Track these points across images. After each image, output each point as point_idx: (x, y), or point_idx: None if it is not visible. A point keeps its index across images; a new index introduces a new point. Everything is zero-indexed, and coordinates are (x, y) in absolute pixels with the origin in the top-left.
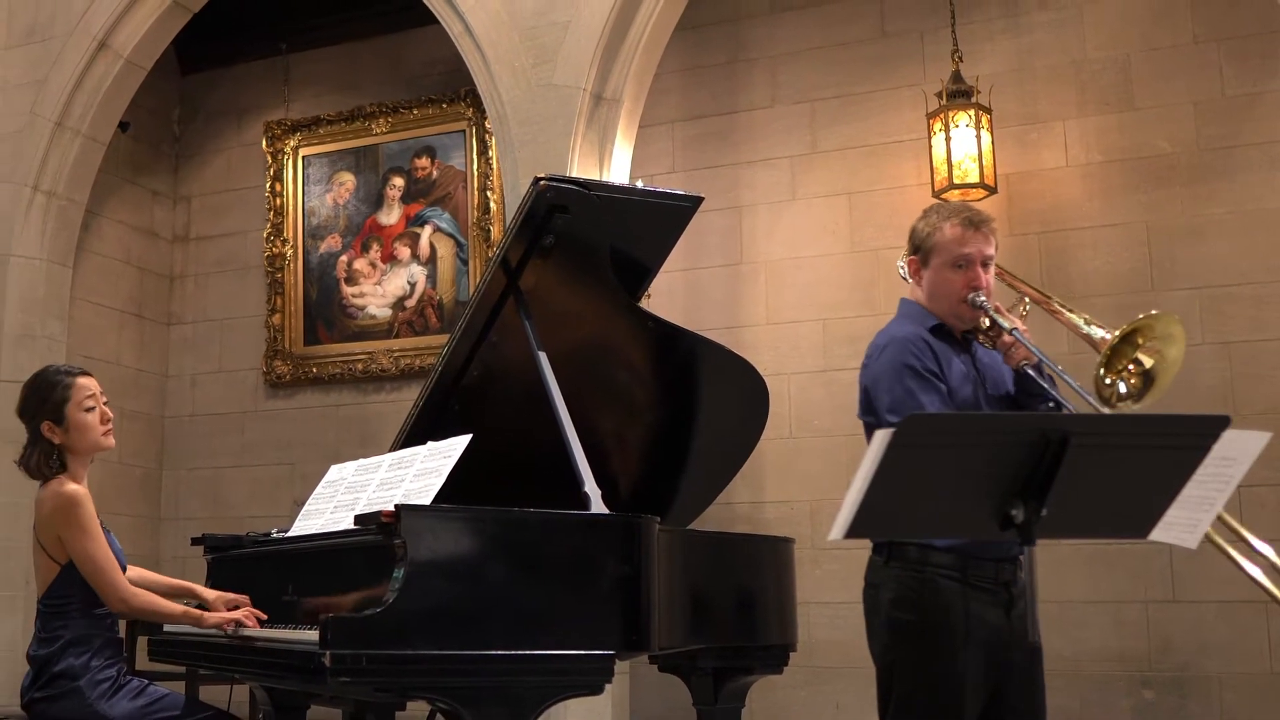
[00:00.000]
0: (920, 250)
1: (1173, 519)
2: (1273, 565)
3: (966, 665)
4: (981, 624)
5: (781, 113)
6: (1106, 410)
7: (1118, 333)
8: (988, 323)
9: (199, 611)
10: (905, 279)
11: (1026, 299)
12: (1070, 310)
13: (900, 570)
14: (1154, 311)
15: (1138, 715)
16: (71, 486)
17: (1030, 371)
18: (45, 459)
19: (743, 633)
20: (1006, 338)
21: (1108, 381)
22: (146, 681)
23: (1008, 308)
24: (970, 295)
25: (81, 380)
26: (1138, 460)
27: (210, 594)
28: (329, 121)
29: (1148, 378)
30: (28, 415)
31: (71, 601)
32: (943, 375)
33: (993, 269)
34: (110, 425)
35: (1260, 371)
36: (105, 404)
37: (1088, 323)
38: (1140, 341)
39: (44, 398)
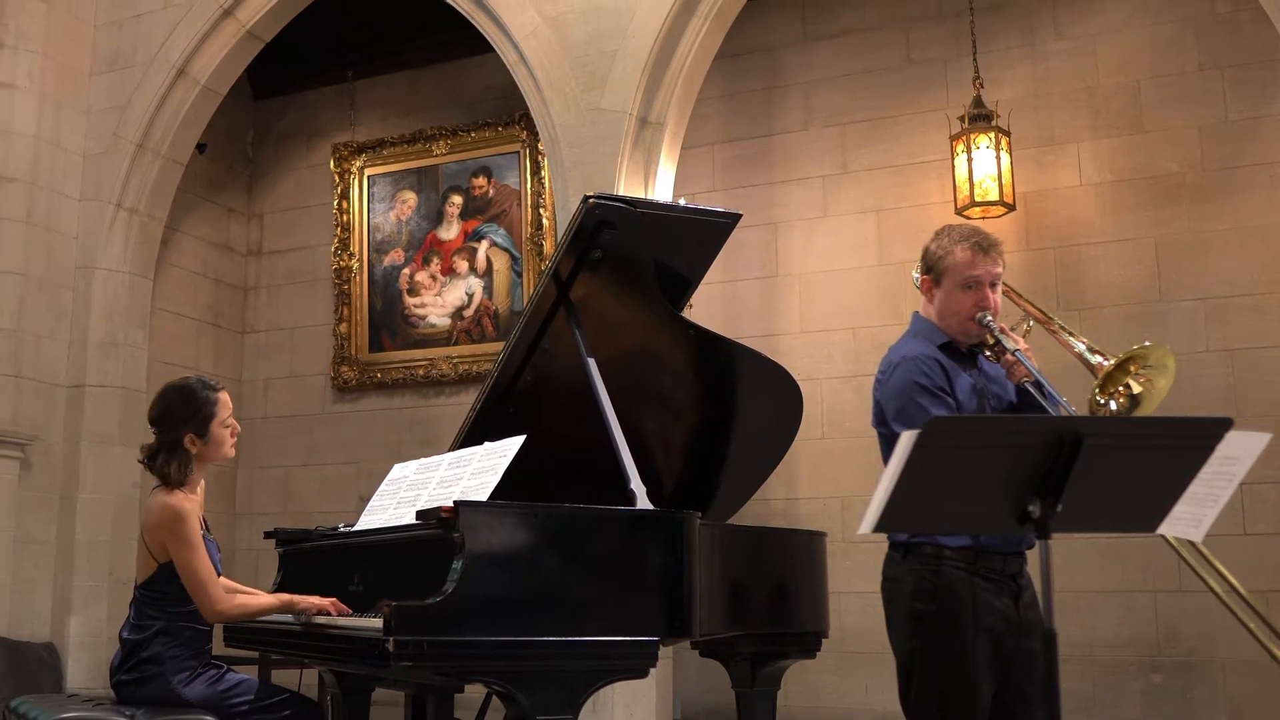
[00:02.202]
0: (933, 271)
1: (1179, 514)
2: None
3: (980, 649)
4: (992, 613)
5: (814, 135)
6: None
7: (1112, 361)
8: (993, 341)
9: (290, 596)
10: (918, 285)
11: (1030, 319)
12: (1070, 334)
13: (918, 564)
14: (1147, 343)
15: (1147, 698)
16: (179, 499)
17: (1030, 388)
18: (183, 468)
19: (778, 620)
20: (1009, 357)
21: (1100, 401)
22: (225, 668)
23: (1012, 325)
24: (978, 315)
25: (224, 396)
26: (1147, 459)
27: (303, 600)
28: (392, 143)
29: (1135, 400)
30: (170, 424)
31: (166, 596)
32: (951, 390)
33: (1000, 288)
34: (236, 438)
35: (1261, 376)
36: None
37: (1090, 349)
38: (1133, 369)
39: (193, 411)
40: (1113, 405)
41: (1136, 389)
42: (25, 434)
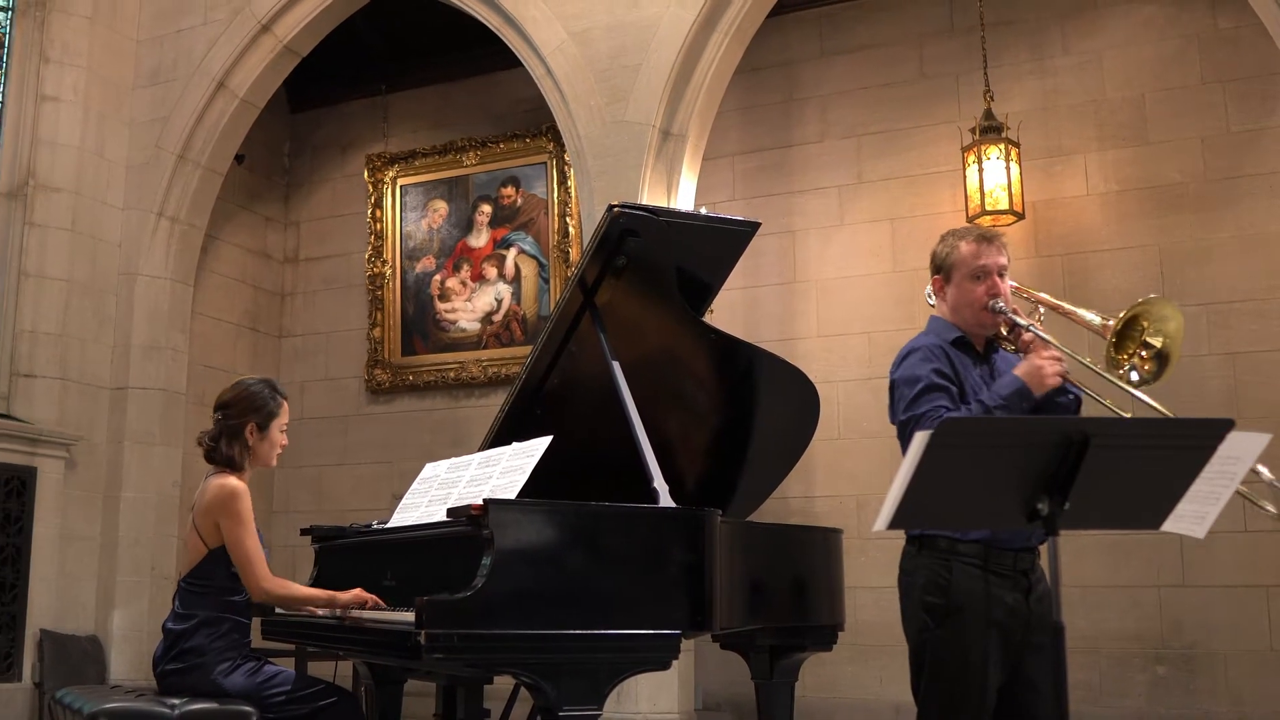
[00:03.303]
0: (942, 269)
1: (1183, 512)
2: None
3: (989, 642)
4: (1002, 606)
5: (831, 147)
6: (1122, 385)
7: (1121, 315)
8: (1007, 328)
9: (330, 592)
10: (932, 305)
11: (1040, 307)
12: (1079, 309)
13: (931, 559)
14: (1151, 295)
15: (1151, 689)
16: (235, 480)
17: None
18: (243, 452)
19: (796, 614)
20: (1026, 335)
21: (1120, 368)
22: (264, 660)
23: (1025, 314)
24: (990, 302)
25: (287, 405)
26: (1151, 459)
27: (343, 596)
28: (424, 154)
29: (1160, 358)
30: (238, 411)
31: (209, 587)
32: (957, 377)
33: (1008, 279)
34: (282, 450)
35: (1262, 379)
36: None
37: (1100, 316)
38: (1144, 325)
39: (260, 405)
40: (1135, 375)
41: (1156, 342)
42: (70, 434)
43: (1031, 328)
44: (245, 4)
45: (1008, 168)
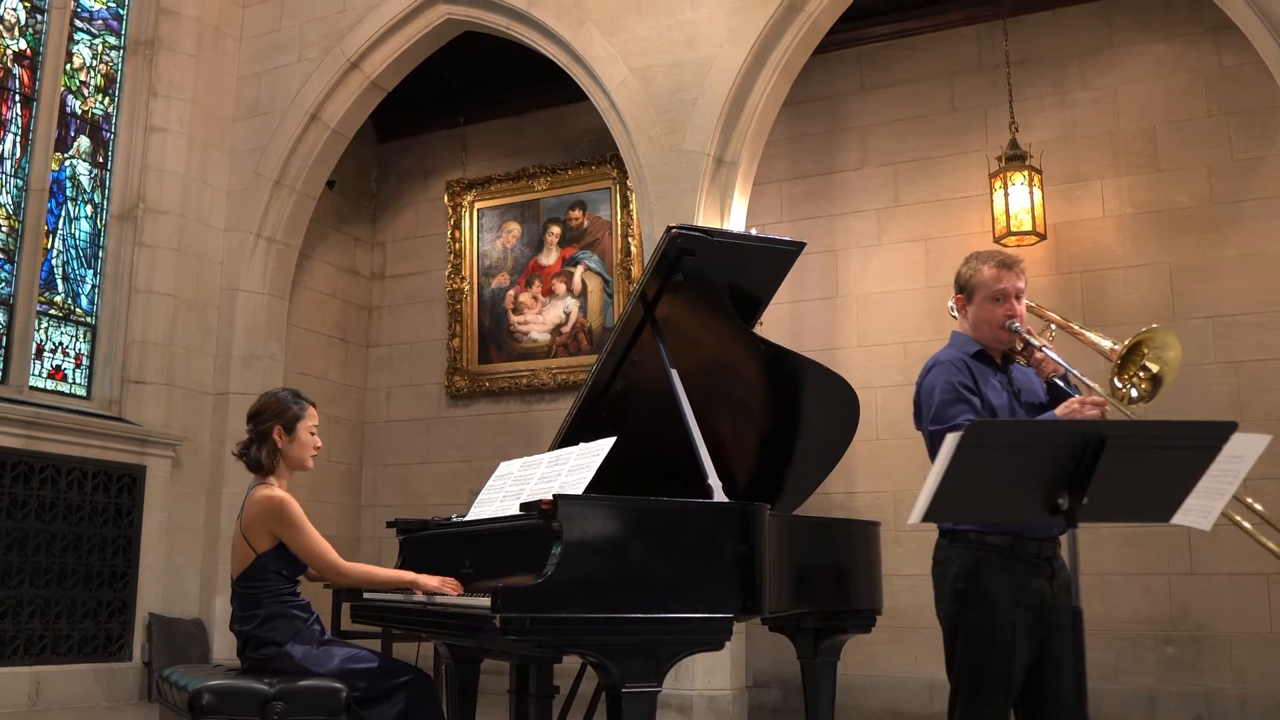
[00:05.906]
0: (965, 290)
1: (1190, 506)
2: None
3: (1016, 624)
4: (1028, 591)
5: (870, 173)
6: (1121, 407)
7: (1126, 343)
8: (1022, 344)
9: (414, 575)
10: (954, 316)
11: (1052, 325)
12: (1087, 331)
13: (962, 549)
14: (1154, 325)
15: (1161, 668)
16: (280, 491)
17: (1059, 381)
18: (272, 455)
19: (838, 599)
20: (1038, 354)
21: (1119, 385)
22: (339, 640)
23: (1038, 332)
24: (1007, 322)
25: (313, 409)
26: (1161, 458)
27: (426, 580)
28: (499, 180)
29: (1155, 381)
30: (263, 419)
31: (262, 589)
32: (977, 389)
33: (1024, 301)
34: (317, 453)
35: (1263, 385)
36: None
37: (1102, 339)
38: (1145, 351)
39: (283, 410)
40: (1134, 392)
41: (1154, 368)
42: (176, 435)
43: (1044, 348)
44: (336, 43)
45: (1031, 193)
